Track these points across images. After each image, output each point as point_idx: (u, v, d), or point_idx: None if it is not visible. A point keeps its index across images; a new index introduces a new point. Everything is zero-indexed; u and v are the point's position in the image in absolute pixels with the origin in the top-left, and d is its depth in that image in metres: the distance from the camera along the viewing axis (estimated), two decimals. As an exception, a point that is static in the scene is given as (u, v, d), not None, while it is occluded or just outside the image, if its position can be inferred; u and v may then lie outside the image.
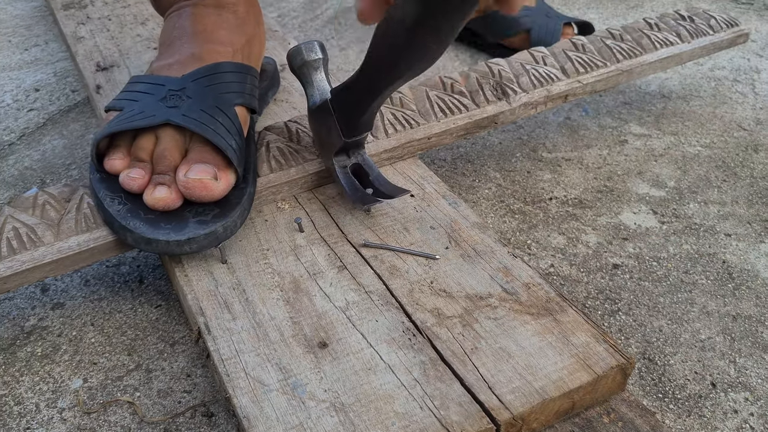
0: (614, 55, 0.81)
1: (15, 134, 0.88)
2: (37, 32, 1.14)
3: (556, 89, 0.76)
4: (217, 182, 0.56)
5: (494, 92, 0.73)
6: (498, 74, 0.75)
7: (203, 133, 0.57)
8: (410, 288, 0.55)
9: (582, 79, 0.77)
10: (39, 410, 0.54)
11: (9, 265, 0.55)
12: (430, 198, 0.64)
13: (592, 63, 0.79)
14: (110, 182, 0.58)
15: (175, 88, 0.61)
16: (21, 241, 0.56)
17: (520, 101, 0.74)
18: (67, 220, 0.58)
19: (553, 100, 0.76)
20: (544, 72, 0.77)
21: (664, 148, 0.87)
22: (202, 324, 0.52)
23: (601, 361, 0.49)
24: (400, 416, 0.45)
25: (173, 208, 0.56)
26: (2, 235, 0.56)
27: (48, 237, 0.56)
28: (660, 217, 0.76)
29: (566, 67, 0.78)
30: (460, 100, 0.72)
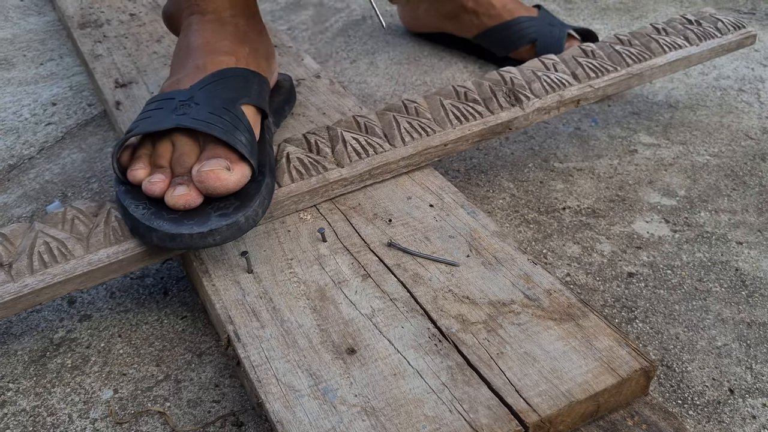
0: (624, 59, 0.82)
1: (34, 148, 0.90)
2: (51, 47, 1.16)
3: (568, 94, 0.77)
4: (230, 173, 0.58)
5: (507, 99, 0.75)
6: (510, 81, 0.77)
7: (211, 132, 0.59)
8: (434, 295, 0.56)
9: (594, 84, 0.79)
10: (72, 421, 0.55)
11: (41, 278, 0.56)
12: (449, 208, 0.66)
13: (603, 68, 0.81)
14: (135, 192, 0.60)
15: (184, 98, 0.63)
16: (52, 254, 0.57)
17: (533, 107, 0.75)
18: (95, 233, 0.59)
19: (566, 104, 0.77)
20: (555, 78, 0.78)
21: (673, 158, 0.89)
22: (232, 332, 0.53)
23: (625, 364, 0.50)
24: (430, 420, 0.46)
25: (194, 205, 0.57)
26: (34, 250, 0.57)
27: (78, 250, 0.58)
28: (672, 225, 0.77)
29: (577, 72, 0.80)
30: (474, 107, 0.73)
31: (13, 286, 0.55)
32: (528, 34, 1.05)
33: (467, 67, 1.11)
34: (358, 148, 0.68)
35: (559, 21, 1.08)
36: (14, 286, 0.55)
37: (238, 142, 0.59)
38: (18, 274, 0.56)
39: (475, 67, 1.11)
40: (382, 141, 0.70)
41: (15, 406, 0.56)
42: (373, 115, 0.72)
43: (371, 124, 0.71)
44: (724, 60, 1.12)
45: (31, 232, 0.59)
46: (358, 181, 0.68)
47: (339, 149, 0.68)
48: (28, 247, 0.58)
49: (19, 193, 0.81)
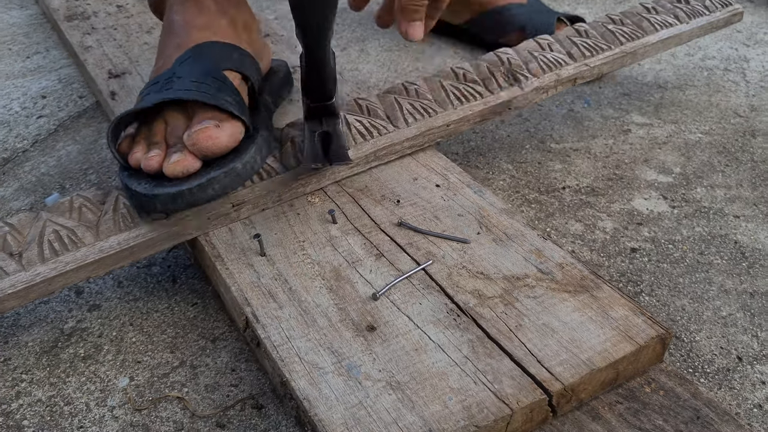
0: (617, 38, 0.83)
1: (27, 141, 0.88)
2: (37, 40, 1.15)
3: (565, 73, 0.78)
4: (221, 129, 0.58)
5: (506, 79, 0.76)
6: (507, 62, 0.78)
7: (196, 98, 0.59)
8: (448, 272, 0.56)
9: (589, 62, 0.80)
10: (90, 409, 0.55)
11: (53, 267, 0.55)
12: (455, 188, 0.66)
13: (597, 47, 0.82)
14: (137, 174, 0.60)
15: (167, 76, 0.63)
16: (62, 242, 0.57)
17: (532, 86, 0.76)
18: (105, 221, 0.58)
19: (563, 83, 0.78)
20: (552, 57, 0.79)
21: (666, 136, 0.90)
22: (250, 313, 0.53)
23: (642, 332, 0.51)
24: (455, 391, 0.47)
25: (192, 169, 0.57)
26: (44, 238, 0.57)
27: (88, 238, 0.57)
28: (670, 201, 0.78)
29: (572, 51, 0.80)
30: (474, 88, 0.74)
31: (25, 275, 0.55)
32: (517, 20, 1.06)
33: (458, 53, 1.11)
34: (363, 130, 0.68)
35: (547, 7, 1.08)
36: (26, 275, 0.55)
37: (224, 102, 0.60)
38: (29, 263, 0.55)
39: (465, 53, 1.12)
40: (386, 123, 0.70)
41: (30, 396, 0.56)
42: (374, 98, 0.73)
43: (373, 107, 0.71)
44: (709, 41, 1.14)
45: (38, 222, 0.58)
46: (363, 163, 0.68)
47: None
48: (38, 236, 0.57)
49: (15, 186, 0.80)
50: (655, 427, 0.48)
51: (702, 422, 0.49)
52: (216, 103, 0.59)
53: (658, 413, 0.49)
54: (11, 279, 0.54)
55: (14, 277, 0.54)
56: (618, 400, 0.50)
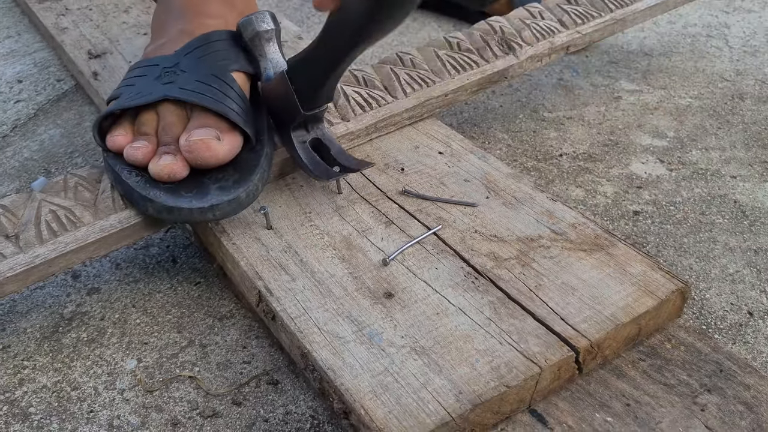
0: (607, 5, 0.83)
1: (7, 126, 0.85)
2: (6, 24, 1.11)
3: (558, 41, 0.77)
4: (221, 142, 0.55)
5: (500, 47, 0.75)
6: (500, 30, 0.77)
7: (200, 102, 0.57)
8: (461, 236, 0.55)
9: (581, 30, 0.79)
10: (98, 393, 0.53)
11: (53, 248, 0.53)
12: (458, 154, 0.65)
13: (588, 14, 0.81)
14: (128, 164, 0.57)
15: (169, 65, 0.60)
16: (60, 222, 0.54)
17: (526, 54, 0.75)
18: (103, 199, 0.56)
19: (557, 51, 0.77)
20: (544, 25, 0.78)
21: (657, 102, 0.90)
22: (262, 287, 0.52)
23: (662, 286, 0.50)
24: (482, 353, 0.46)
25: (179, 176, 0.55)
26: (40, 219, 0.54)
27: (87, 217, 0.55)
28: (667, 165, 0.78)
29: (564, 19, 0.80)
30: (469, 57, 0.73)
31: (24, 257, 0.52)
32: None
33: (441, 26, 1.10)
34: (361, 102, 0.67)
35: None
36: (25, 257, 0.52)
37: (230, 111, 0.57)
38: (27, 245, 0.53)
39: (449, 26, 1.10)
40: (384, 93, 0.68)
41: (34, 383, 0.53)
42: (369, 69, 0.71)
43: (370, 78, 0.70)
44: (689, 9, 1.14)
45: (33, 202, 0.56)
46: (364, 135, 0.66)
47: (342, 103, 0.66)
48: (34, 216, 0.55)
49: (-2, 172, 0.77)
50: (680, 382, 0.48)
51: (725, 375, 0.48)
52: (221, 111, 0.56)
53: (681, 368, 0.49)
54: (9, 262, 0.52)
55: (12, 259, 0.52)
56: (641, 358, 0.50)
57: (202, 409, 0.51)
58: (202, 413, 0.51)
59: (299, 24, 1.12)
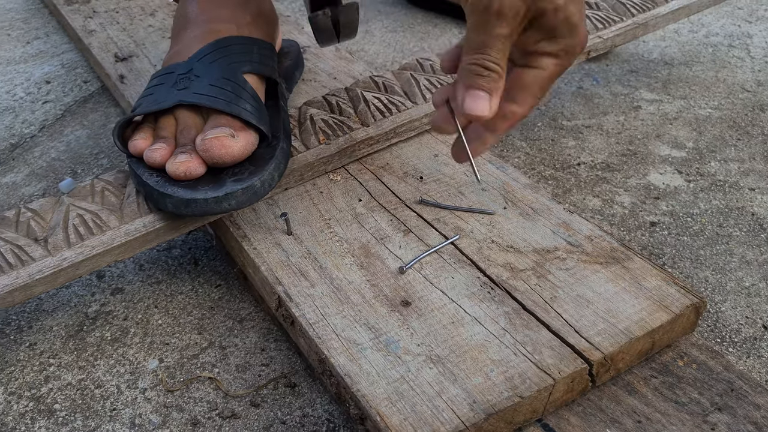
0: (628, 10, 0.83)
1: (35, 126, 0.87)
2: (36, 25, 1.13)
3: None
4: (235, 140, 0.56)
5: None
6: None
7: (213, 105, 0.58)
8: (478, 246, 0.56)
9: (602, 35, 0.79)
10: (121, 392, 0.54)
11: (80, 251, 0.54)
12: (477, 163, 0.66)
13: (610, 19, 0.81)
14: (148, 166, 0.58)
15: (183, 71, 0.61)
16: (87, 226, 0.56)
17: None
18: (128, 203, 0.58)
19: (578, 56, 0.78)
20: None
21: (676, 112, 0.90)
22: (282, 292, 0.53)
23: (676, 301, 0.51)
24: (496, 363, 0.47)
25: (195, 173, 0.56)
26: (68, 223, 0.56)
27: (113, 221, 0.56)
28: (685, 176, 0.78)
29: (585, 24, 0.80)
30: (492, 67, 0.73)
31: (52, 261, 0.54)
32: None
33: (462, 32, 1.11)
34: (381, 107, 0.68)
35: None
36: (53, 260, 0.54)
37: (243, 111, 0.58)
38: (55, 248, 0.54)
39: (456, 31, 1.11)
40: (404, 99, 0.69)
41: (60, 380, 0.55)
42: (389, 75, 0.72)
43: (390, 84, 0.70)
44: (711, 18, 1.14)
45: (61, 206, 0.57)
46: (384, 140, 0.67)
47: (362, 109, 0.67)
48: (62, 220, 0.56)
49: (26, 171, 0.79)
50: (691, 400, 0.48)
51: (736, 394, 0.49)
52: (234, 112, 0.58)
53: (693, 386, 0.49)
54: (38, 264, 0.53)
55: (41, 262, 0.53)
56: (652, 375, 0.50)
57: (221, 410, 0.53)
58: (221, 414, 0.52)
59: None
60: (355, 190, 0.63)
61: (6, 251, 0.54)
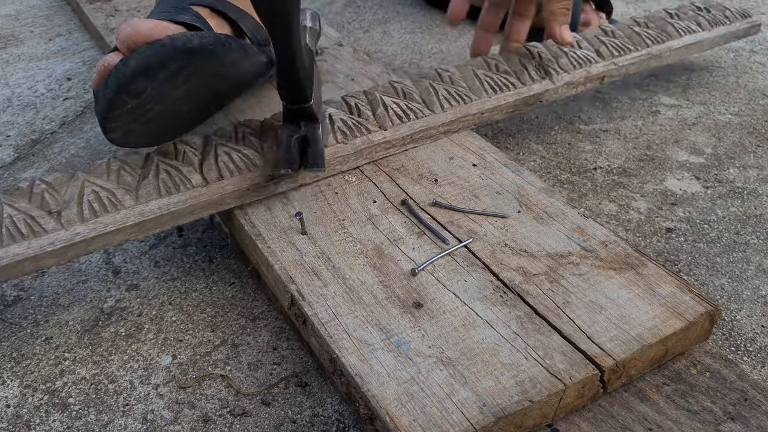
0: (643, 40, 0.84)
1: (55, 123, 0.88)
2: (58, 22, 1.14)
3: (594, 70, 0.79)
4: (145, 19, 0.57)
5: (537, 72, 0.76)
6: (538, 56, 0.78)
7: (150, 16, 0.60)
8: (492, 249, 0.56)
9: (617, 62, 0.81)
10: (134, 387, 0.55)
11: (92, 227, 0.55)
12: (492, 167, 0.66)
13: (624, 47, 0.82)
14: None
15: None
16: (102, 203, 0.56)
17: (562, 80, 0.76)
18: (144, 185, 0.58)
19: (592, 80, 0.79)
20: (581, 54, 0.79)
21: (695, 117, 0.90)
22: (295, 291, 0.53)
23: (690, 309, 0.50)
24: (507, 367, 0.47)
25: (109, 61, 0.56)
26: (83, 198, 0.56)
27: (128, 201, 0.57)
28: (703, 182, 0.78)
29: (601, 50, 0.81)
30: (507, 78, 0.74)
31: (65, 234, 0.55)
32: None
33: (481, 35, 1.11)
34: (400, 112, 0.68)
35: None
36: (66, 233, 0.55)
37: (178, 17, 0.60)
38: (69, 222, 0.55)
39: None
40: (422, 106, 0.69)
41: (74, 374, 0.56)
42: (408, 81, 0.72)
43: (409, 90, 0.71)
44: (734, 23, 1.13)
45: (76, 181, 0.58)
46: (400, 144, 0.67)
47: (380, 113, 0.68)
48: (76, 195, 0.57)
49: (46, 167, 0.80)
50: (703, 409, 0.48)
51: (750, 403, 0.48)
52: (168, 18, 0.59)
53: (705, 395, 0.49)
54: (50, 237, 0.54)
55: (53, 235, 0.54)
56: (665, 382, 0.50)
57: (233, 408, 0.53)
58: (232, 411, 0.53)
59: (339, 30, 1.13)
60: (369, 192, 0.63)
61: (19, 220, 0.54)
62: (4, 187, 0.59)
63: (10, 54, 1.05)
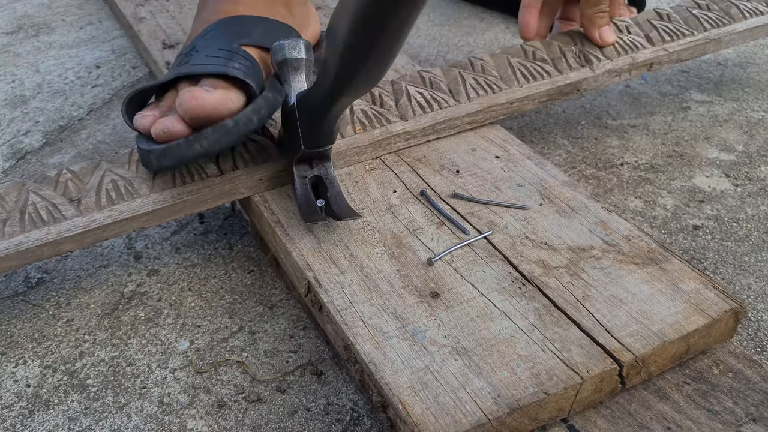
0: (701, 24, 0.80)
1: (83, 110, 0.89)
2: (89, 11, 1.16)
3: (641, 57, 0.76)
4: (210, 92, 0.56)
5: (577, 60, 0.74)
6: (580, 42, 0.75)
7: (204, 71, 0.59)
8: (512, 241, 0.55)
9: (668, 48, 0.77)
10: (151, 370, 0.55)
11: (108, 214, 0.57)
12: (515, 159, 0.65)
13: (678, 32, 0.79)
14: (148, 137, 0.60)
15: (187, 50, 0.63)
16: (119, 192, 0.57)
17: (603, 68, 0.74)
18: (161, 174, 0.59)
19: (638, 68, 0.76)
20: (628, 40, 0.77)
21: (727, 114, 0.88)
22: (312, 278, 0.53)
23: (714, 305, 0.49)
24: (523, 358, 0.46)
25: (173, 131, 0.56)
26: (102, 187, 0.58)
27: (144, 189, 0.58)
28: (733, 179, 0.76)
29: (651, 35, 0.78)
30: (542, 67, 0.72)
31: (82, 221, 0.56)
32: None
33: (509, 28, 1.10)
34: (423, 103, 0.67)
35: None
36: (83, 220, 0.56)
37: (229, 69, 0.59)
38: (87, 210, 0.56)
39: (516, 28, 1.09)
40: (447, 96, 0.69)
41: (93, 356, 0.56)
42: (438, 71, 0.72)
43: (436, 80, 0.70)
44: (770, 19, 1.10)
45: (99, 171, 0.59)
46: (421, 135, 0.67)
47: (403, 103, 0.67)
48: (97, 184, 0.58)
49: (73, 153, 0.81)
50: (725, 409, 0.47)
51: (774, 404, 0.47)
52: (220, 72, 0.58)
53: (728, 395, 0.48)
54: (68, 223, 0.56)
55: (71, 221, 0.56)
56: (686, 381, 0.49)
57: (248, 394, 0.53)
58: (248, 398, 0.53)
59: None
60: (390, 182, 0.62)
61: (41, 207, 0.56)
62: (35, 175, 0.61)
63: (41, 42, 1.07)
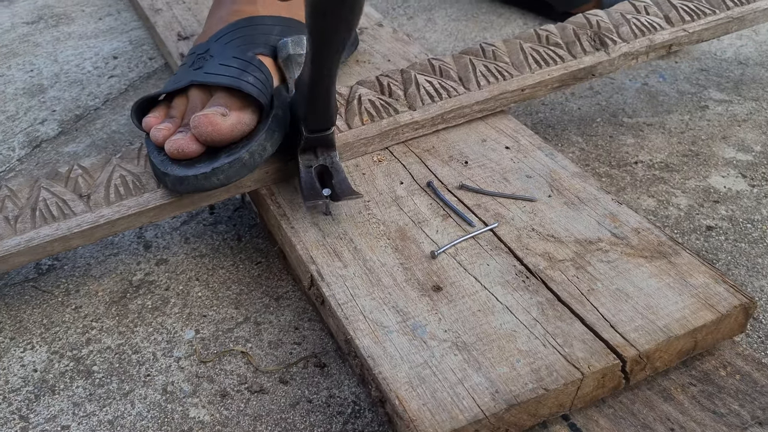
0: (724, 2, 0.77)
1: (99, 99, 0.90)
2: (108, 2, 1.18)
3: (659, 38, 0.73)
4: (225, 117, 0.56)
5: (592, 43, 0.72)
6: (596, 25, 0.73)
7: (218, 82, 0.59)
8: (518, 234, 0.55)
9: (688, 28, 0.75)
10: (156, 359, 0.55)
11: (117, 210, 0.57)
12: (525, 150, 0.64)
13: (700, 11, 0.76)
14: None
15: (202, 51, 0.63)
16: (128, 187, 0.58)
17: (619, 51, 0.72)
18: (170, 169, 0.59)
19: (656, 50, 0.73)
20: (646, 21, 0.74)
21: (746, 114, 0.86)
22: (315, 271, 0.53)
23: (723, 300, 0.48)
24: (524, 353, 0.45)
25: (188, 151, 0.56)
26: (111, 182, 0.58)
27: (152, 184, 0.58)
28: (750, 180, 0.75)
29: (671, 15, 0.75)
30: (555, 51, 0.71)
31: (91, 216, 0.56)
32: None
33: (527, 23, 1.09)
34: (431, 91, 0.67)
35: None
36: (92, 216, 0.56)
37: (243, 84, 0.58)
38: (96, 205, 0.57)
39: (534, 23, 1.09)
40: (457, 84, 0.68)
41: (100, 343, 0.57)
42: (448, 58, 0.71)
43: (446, 67, 0.69)
44: (794, 16, 1.08)
45: (109, 166, 0.60)
46: (429, 125, 0.66)
47: (411, 92, 0.67)
48: (106, 180, 0.58)
49: (87, 142, 0.82)
50: (730, 412, 0.46)
51: (782, 407, 0.46)
52: (234, 86, 0.58)
53: (734, 397, 0.47)
54: (78, 219, 0.56)
55: (81, 217, 0.56)
56: (691, 382, 0.48)
57: (251, 384, 0.53)
58: (250, 388, 0.53)
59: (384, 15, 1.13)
60: (397, 173, 0.62)
61: (51, 204, 0.57)
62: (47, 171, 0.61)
63: (61, 32, 1.08)
